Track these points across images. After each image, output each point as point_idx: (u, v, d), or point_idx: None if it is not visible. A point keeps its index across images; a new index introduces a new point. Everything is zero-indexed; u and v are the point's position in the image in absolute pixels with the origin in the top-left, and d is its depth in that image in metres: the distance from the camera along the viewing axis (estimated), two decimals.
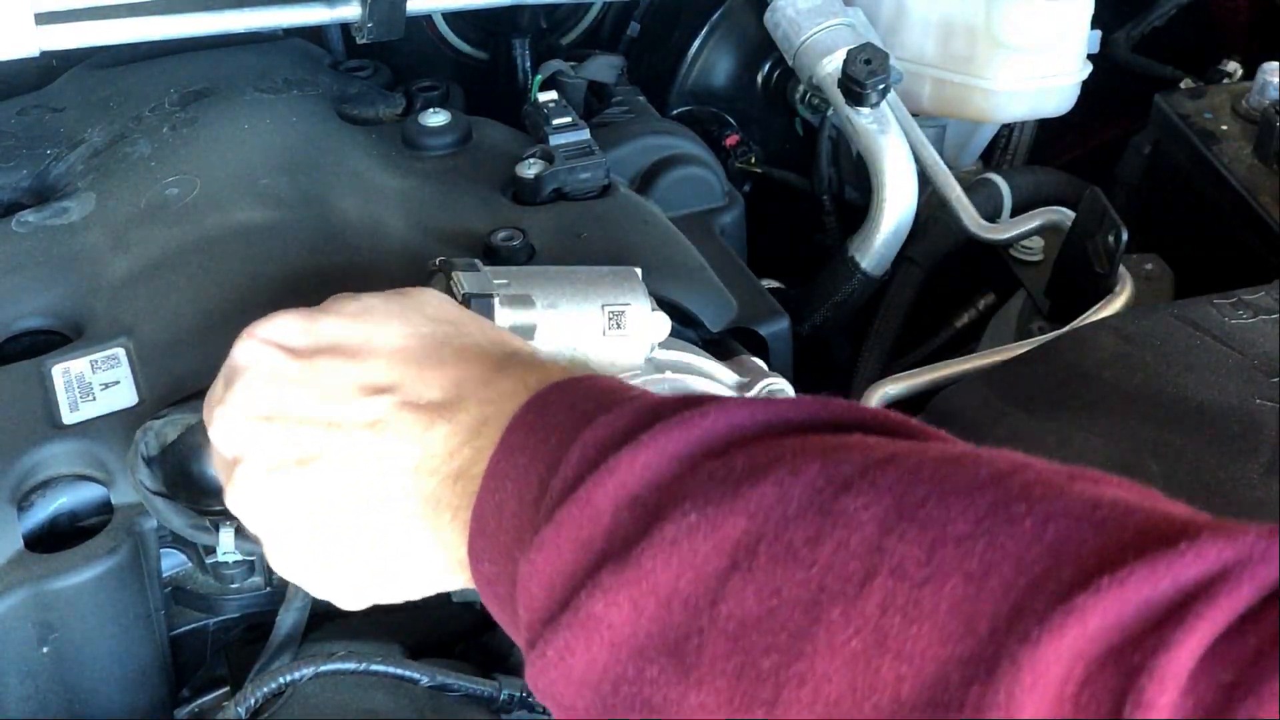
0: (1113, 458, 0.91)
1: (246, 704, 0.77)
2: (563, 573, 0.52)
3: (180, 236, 0.92)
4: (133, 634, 0.80)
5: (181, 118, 1.03)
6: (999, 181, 1.25)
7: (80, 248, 0.93)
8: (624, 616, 0.50)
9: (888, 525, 0.46)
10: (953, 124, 1.37)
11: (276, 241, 0.92)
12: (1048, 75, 1.30)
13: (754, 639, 0.47)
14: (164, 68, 1.10)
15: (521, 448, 0.57)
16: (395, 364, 0.64)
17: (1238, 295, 1.00)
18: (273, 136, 1.01)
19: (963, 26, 1.29)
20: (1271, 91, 1.23)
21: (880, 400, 1.08)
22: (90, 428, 0.80)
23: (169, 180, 0.97)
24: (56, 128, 1.06)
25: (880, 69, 1.13)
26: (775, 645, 0.46)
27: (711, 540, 0.49)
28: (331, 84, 1.11)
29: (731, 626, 0.47)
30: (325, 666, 0.79)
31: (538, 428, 0.57)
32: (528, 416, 0.58)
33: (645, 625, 0.49)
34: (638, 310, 0.80)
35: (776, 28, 1.25)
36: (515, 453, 0.57)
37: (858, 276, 1.18)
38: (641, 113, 1.17)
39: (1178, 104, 1.27)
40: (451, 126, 1.04)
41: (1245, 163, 1.20)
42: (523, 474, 0.56)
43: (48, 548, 0.77)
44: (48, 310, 0.89)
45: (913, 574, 0.45)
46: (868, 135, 1.16)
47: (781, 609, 0.47)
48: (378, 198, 0.98)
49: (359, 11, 1.05)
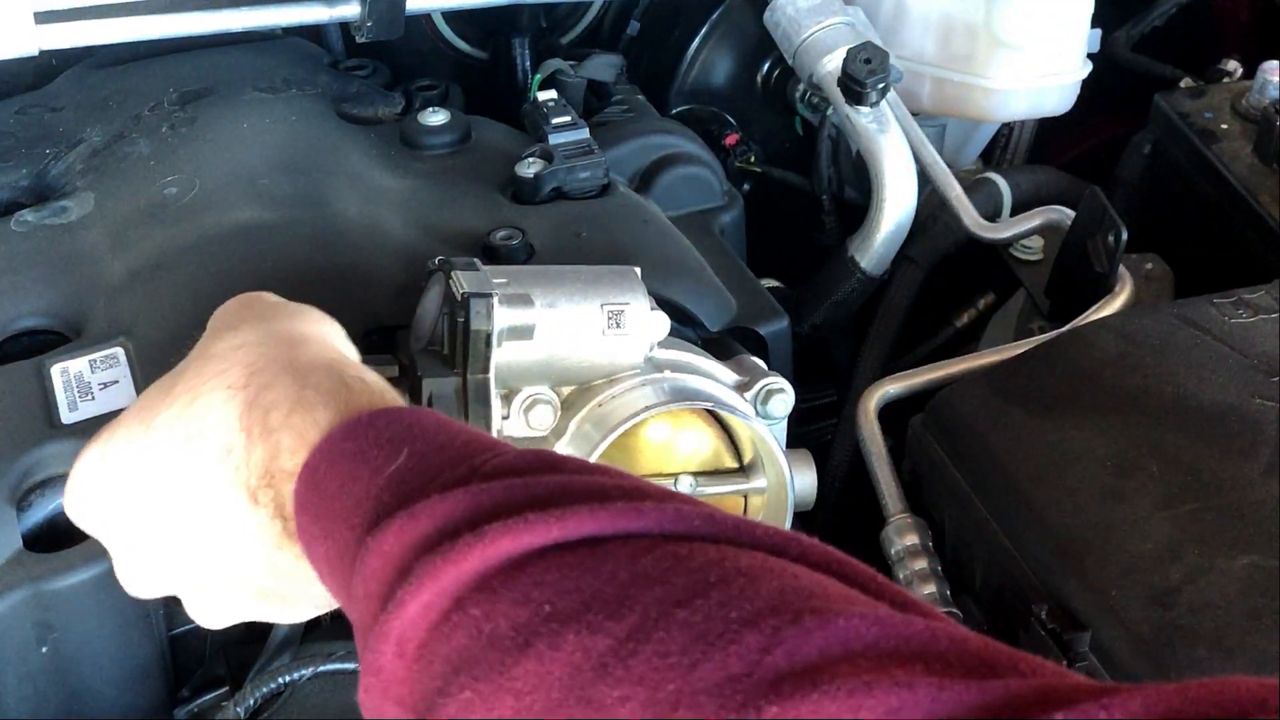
0: (1112, 457, 0.91)
1: (246, 704, 0.77)
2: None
3: (179, 236, 0.92)
4: (132, 634, 0.80)
5: (181, 117, 1.03)
6: (999, 181, 1.25)
7: (79, 247, 0.93)
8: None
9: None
10: (953, 123, 1.36)
11: (276, 241, 0.92)
12: (1048, 74, 1.30)
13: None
14: (163, 67, 1.10)
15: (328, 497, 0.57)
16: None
17: (1238, 295, 1.00)
18: (272, 136, 1.01)
19: (962, 25, 1.29)
20: (1271, 91, 1.23)
21: (880, 400, 1.08)
22: (89, 427, 0.80)
23: (168, 180, 0.97)
24: (55, 127, 1.06)
25: (880, 68, 1.13)
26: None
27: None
28: (331, 83, 1.11)
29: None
30: (325, 667, 0.79)
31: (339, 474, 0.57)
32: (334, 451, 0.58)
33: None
34: (637, 309, 0.80)
35: (776, 26, 1.25)
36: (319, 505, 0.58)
37: (857, 276, 1.18)
38: (641, 112, 1.17)
39: (1178, 104, 1.27)
40: (451, 126, 1.04)
41: (1245, 162, 1.20)
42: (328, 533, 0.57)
43: (47, 548, 0.77)
44: (47, 310, 0.89)
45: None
46: (867, 134, 1.16)
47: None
48: (377, 197, 0.98)
49: (358, 10, 1.05)
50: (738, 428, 0.83)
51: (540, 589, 0.49)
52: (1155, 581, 0.90)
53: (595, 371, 0.79)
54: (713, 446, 0.84)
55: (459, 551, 0.50)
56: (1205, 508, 0.91)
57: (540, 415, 0.77)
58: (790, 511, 0.82)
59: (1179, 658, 0.86)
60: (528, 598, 0.49)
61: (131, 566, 0.68)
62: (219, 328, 0.68)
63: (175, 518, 0.63)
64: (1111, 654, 0.89)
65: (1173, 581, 0.89)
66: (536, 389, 0.77)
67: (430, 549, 0.51)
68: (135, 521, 0.65)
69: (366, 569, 0.53)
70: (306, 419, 0.60)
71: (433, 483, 0.54)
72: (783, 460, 0.81)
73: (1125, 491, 0.94)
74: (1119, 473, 0.93)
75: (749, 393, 0.83)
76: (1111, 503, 0.94)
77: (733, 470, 0.84)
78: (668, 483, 0.82)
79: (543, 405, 0.77)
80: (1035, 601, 0.92)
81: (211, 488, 0.62)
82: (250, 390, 0.62)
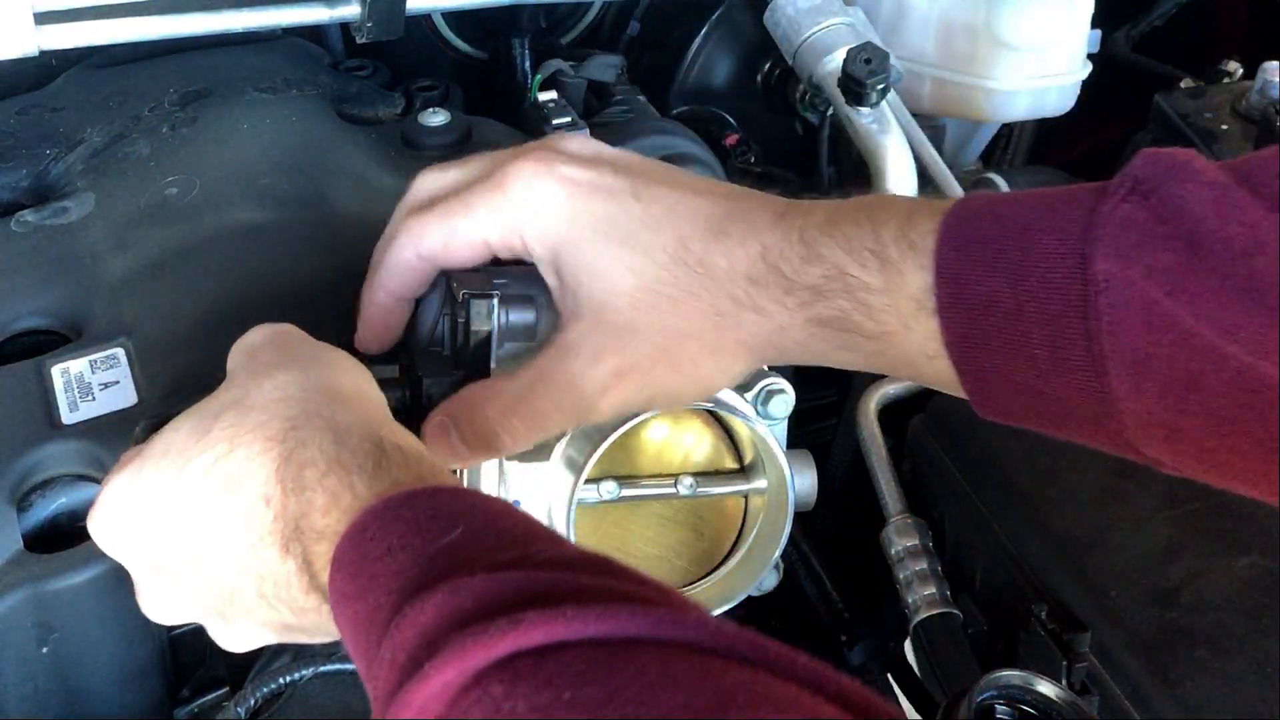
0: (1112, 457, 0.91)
1: (246, 704, 0.77)
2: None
3: (180, 236, 0.92)
4: (132, 634, 0.80)
5: (181, 117, 1.03)
6: (999, 181, 1.25)
7: (79, 248, 0.93)
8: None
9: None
10: (953, 124, 1.36)
11: (276, 241, 0.92)
12: (1048, 74, 1.30)
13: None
14: (163, 67, 1.10)
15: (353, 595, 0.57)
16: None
17: None
18: (272, 136, 1.01)
19: (963, 26, 1.29)
20: (1271, 91, 1.23)
21: (880, 400, 1.08)
22: (90, 428, 0.80)
23: (168, 180, 0.97)
24: (56, 127, 1.06)
25: (880, 68, 1.13)
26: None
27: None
28: (331, 84, 1.11)
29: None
30: (325, 667, 0.79)
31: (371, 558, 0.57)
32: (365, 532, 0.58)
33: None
34: None
35: (776, 27, 1.25)
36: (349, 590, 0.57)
37: None
38: (641, 112, 1.17)
39: (1178, 104, 1.27)
40: (451, 126, 1.04)
41: None
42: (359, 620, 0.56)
43: (47, 548, 0.77)
44: (47, 310, 0.89)
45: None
46: (868, 135, 1.16)
47: None
48: (378, 198, 0.98)
49: (358, 11, 1.05)
50: (738, 428, 0.83)
51: (565, 676, 0.48)
52: (1155, 581, 0.90)
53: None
54: (713, 447, 0.84)
55: (492, 635, 0.49)
56: (1205, 508, 0.91)
57: None
58: (790, 512, 0.82)
59: (1179, 658, 0.87)
60: (551, 683, 0.48)
61: (157, 596, 0.69)
62: (255, 370, 0.68)
63: (205, 557, 0.64)
64: (1111, 654, 0.89)
65: (1173, 581, 0.89)
66: None
67: (465, 626, 0.50)
68: (164, 556, 0.66)
69: (399, 636, 0.52)
70: (342, 480, 0.61)
71: (481, 561, 0.54)
72: (783, 461, 0.81)
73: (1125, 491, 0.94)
74: (1119, 473, 0.93)
75: (749, 393, 0.83)
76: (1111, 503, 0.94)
77: (733, 471, 0.84)
78: (668, 483, 0.82)
79: None
80: (1035, 601, 0.92)
81: (247, 535, 0.63)
82: (288, 444, 0.63)
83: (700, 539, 0.85)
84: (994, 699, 0.82)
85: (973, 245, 0.64)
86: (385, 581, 0.55)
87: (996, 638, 1.00)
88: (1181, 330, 0.59)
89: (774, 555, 0.83)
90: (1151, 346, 0.60)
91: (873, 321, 0.66)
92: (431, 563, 0.55)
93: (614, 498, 0.80)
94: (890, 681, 1.08)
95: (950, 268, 0.64)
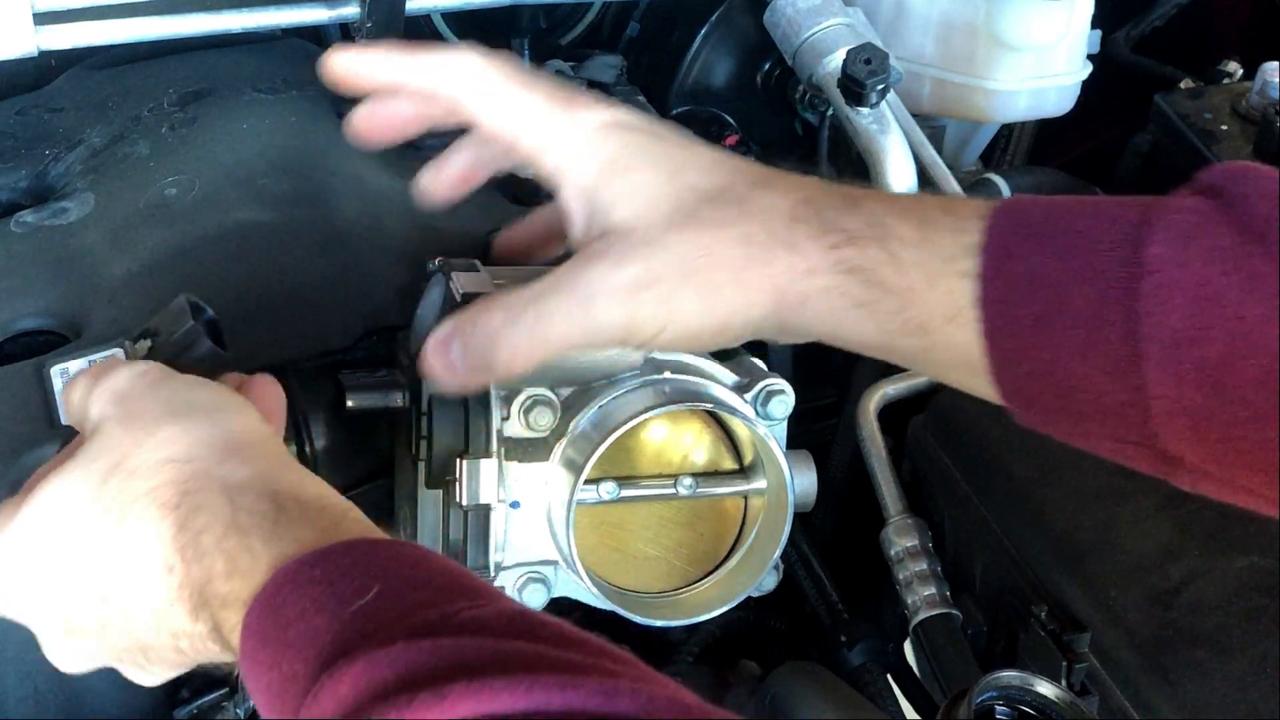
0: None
1: (246, 704, 0.77)
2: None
3: (179, 237, 0.92)
4: None
5: (180, 118, 1.03)
6: (999, 181, 1.25)
7: (79, 248, 0.93)
8: None
9: None
10: (953, 124, 1.36)
11: (276, 241, 0.92)
12: (1048, 75, 1.30)
13: None
14: (163, 68, 1.10)
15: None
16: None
17: None
18: (272, 137, 1.01)
19: (963, 26, 1.29)
20: (1271, 91, 1.23)
21: (880, 400, 1.08)
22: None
23: (168, 180, 0.97)
24: (55, 128, 1.06)
25: (880, 69, 1.13)
26: None
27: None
28: None
29: None
30: None
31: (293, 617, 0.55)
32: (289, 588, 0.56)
33: None
34: None
35: (776, 27, 1.25)
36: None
37: None
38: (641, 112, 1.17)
39: (1178, 104, 1.27)
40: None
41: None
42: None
43: None
44: (47, 310, 0.89)
45: None
46: (868, 135, 1.16)
47: None
48: (377, 197, 0.98)
49: (358, 11, 1.05)
50: (738, 429, 0.83)
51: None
52: (1155, 581, 0.90)
53: (595, 372, 0.79)
54: (713, 447, 0.84)
55: (415, 710, 0.48)
56: (1205, 508, 0.91)
57: (540, 416, 0.77)
58: (790, 512, 0.82)
59: (1179, 658, 0.86)
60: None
61: (65, 653, 0.68)
62: (129, 423, 0.66)
63: (114, 620, 0.64)
64: (1111, 654, 0.89)
65: (1173, 581, 0.89)
66: (536, 390, 0.77)
67: (386, 699, 0.49)
68: (68, 619, 0.65)
69: (318, 707, 0.51)
70: (240, 543, 0.59)
71: (400, 626, 0.52)
72: (783, 461, 0.81)
73: (1125, 491, 0.94)
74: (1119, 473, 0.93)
75: (749, 394, 0.83)
76: (1111, 503, 0.94)
77: (733, 471, 0.84)
78: (668, 484, 0.82)
79: (542, 406, 0.77)
80: (1035, 602, 0.92)
81: (154, 600, 0.62)
82: (182, 511, 0.61)
83: (700, 539, 0.85)
84: (994, 699, 0.82)
85: (1022, 224, 0.64)
86: (300, 650, 0.53)
87: (996, 638, 1.00)
88: (1229, 307, 0.59)
89: (774, 556, 0.83)
90: (1194, 329, 0.59)
91: (899, 275, 0.65)
92: (347, 628, 0.53)
93: (614, 498, 0.80)
94: (890, 682, 1.08)
95: (997, 240, 0.64)
